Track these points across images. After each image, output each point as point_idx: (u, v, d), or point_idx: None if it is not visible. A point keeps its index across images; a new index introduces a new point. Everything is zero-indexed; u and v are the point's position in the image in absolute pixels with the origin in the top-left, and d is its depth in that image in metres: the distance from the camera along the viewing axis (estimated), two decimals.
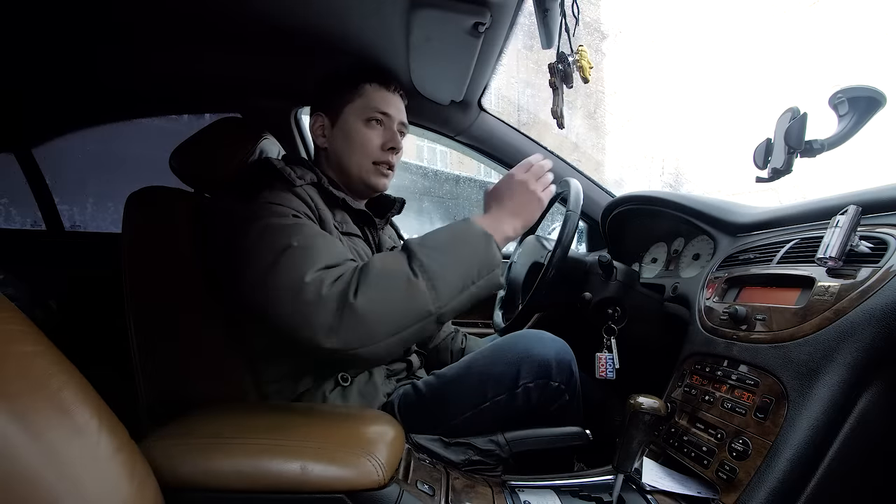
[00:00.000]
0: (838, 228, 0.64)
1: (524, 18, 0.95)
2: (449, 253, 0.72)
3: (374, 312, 0.66)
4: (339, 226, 0.88)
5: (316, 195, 0.87)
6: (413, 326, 0.69)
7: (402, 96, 1.02)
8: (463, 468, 0.76)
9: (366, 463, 0.58)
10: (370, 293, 0.66)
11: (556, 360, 0.85)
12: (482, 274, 0.73)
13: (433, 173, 2.83)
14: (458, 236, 0.75)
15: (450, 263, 0.71)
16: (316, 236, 0.75)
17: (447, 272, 0.71)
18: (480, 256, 0.73)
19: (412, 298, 0.68)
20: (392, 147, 0.96)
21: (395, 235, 1.16)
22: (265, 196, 0.80)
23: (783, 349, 0.66)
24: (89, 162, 1.86)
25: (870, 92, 0.68)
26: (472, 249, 0.73)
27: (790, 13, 2.97)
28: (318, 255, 0.71)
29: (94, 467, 0.44)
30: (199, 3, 0.95)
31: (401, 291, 0.68)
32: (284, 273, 0.69)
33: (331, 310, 0.65)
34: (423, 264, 0.70)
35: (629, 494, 0.69)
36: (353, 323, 0.65)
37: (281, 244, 0.71)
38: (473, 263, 0.72)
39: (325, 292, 0.66)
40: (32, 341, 0.46)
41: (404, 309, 0.68)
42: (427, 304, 0.68)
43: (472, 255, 0.73)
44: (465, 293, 0.72)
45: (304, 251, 0.71)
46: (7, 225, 1.85)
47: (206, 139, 0.98)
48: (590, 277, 1.10)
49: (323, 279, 0.67)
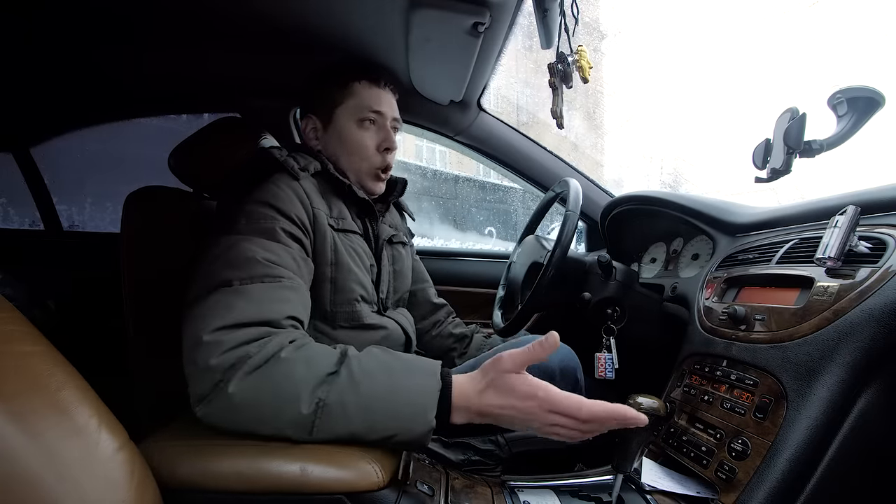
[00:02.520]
0: (837, 228, 0.64)
1: (524, 18, 0.95)
2: (371, 408, 0.58)
3: (247, 413, 0.57)
4: (335, 222, 0.84)
5: (314, 188, 0.82)
6: (277, 437, 0.58)
7: (393, 91, 0.98)
8: (462, 468, 0.76)
9: (365, 464, 0.57)
10: (256, 393, 0.56)
11: (560, 367, 0.84)
12: (386, 439, 0.59)
13: (432, 173, 2.83)
14: (401, 399, 0.59)
15: (360, 421, 0.58)
16: (265, 279, 0.65)
17: (347, 426, 0.58)
18: (404, 435, 0.59)
19: (288, 426, 0.57)
20: (388, 147, 0.94)
21: (398, 221, 1.10)
22: (257, 193, 0.74)
23: (782, 349, 0.66)
24: (88, 162, 1.86)
25: (868, 92, 0.68)
26: (399, 422, 0.58)
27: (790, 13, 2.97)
28: (241, 306, 0.61)
29: (93, 468, 0.44)
30: (198, 2, 0.94)
31: (283, 414, 0.57)
32: (198, 318, 0.60)
33: (209, 382, 0.56)
34: (329, 401, 0.57)
35: (628, 494, 0.69)
36: (222, 410, 0.57)
37: (221, 277, 0.63)
38: (390, 435, 0.58)
39: (214, 362, 0.56)
40: (31, 341, 0.46)
41: (273, 424, 0.57)
42: (295, 432, 0.57)
43: (394, 428, 0.58)
44: (347, 439, 0.59)
45: (232, 298, 0.61)
46: (5, 225, 1.85)
47: (204, 139, 0.98)
48: (589, 277, 1.10)
49: (221, 342, 0.57)
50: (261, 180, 0.77)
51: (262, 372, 0.57)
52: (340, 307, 0.82)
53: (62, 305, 1.51)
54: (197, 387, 0.57)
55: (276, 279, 0.66)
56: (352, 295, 0.83)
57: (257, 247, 0.68)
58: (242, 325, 0.59)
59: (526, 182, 1.58)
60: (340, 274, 0.82)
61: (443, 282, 1.60)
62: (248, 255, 0.66)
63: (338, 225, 0.85)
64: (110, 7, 0.95)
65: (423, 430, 0.59)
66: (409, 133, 1.54)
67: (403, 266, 1.04)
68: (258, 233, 0.70)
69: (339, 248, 0.82)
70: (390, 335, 0.89)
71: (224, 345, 0.57)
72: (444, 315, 1.19)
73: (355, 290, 0.83)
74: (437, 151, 2.97)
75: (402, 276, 1.02)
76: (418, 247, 1.76)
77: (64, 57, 1.15)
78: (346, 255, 0.83)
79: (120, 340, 0.86)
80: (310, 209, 0.79)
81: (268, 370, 0.57)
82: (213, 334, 0.58)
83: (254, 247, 0.68)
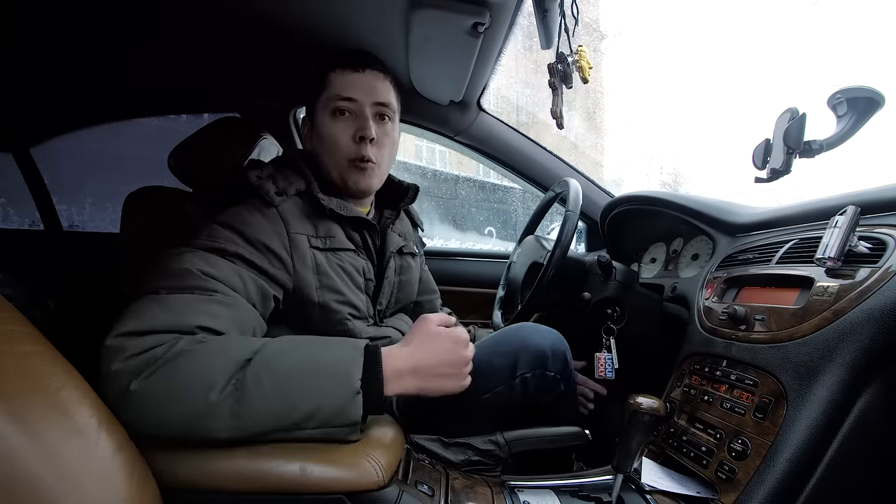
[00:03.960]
0: (837, 229, 0.64)
1: (523, 19, 0.95)
2: (289, 384, 0.57)
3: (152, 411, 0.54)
4: (320, 242, 0.80)
5: (296, 210, 0.79)
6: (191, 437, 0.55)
7: (381, 72, 0.86)
8: (462, 468, 0.76)
9: (365, 464, 0.57)
10: (158, 389, 0.54)
11: (552, 349, 0.85)
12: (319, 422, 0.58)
13: (432, 173, 2.83)
14: (321, 368, 0.59)
15: (277, 396, 0.56)
16: (195, 290, 0.62)
17: (265, 405, 0.56)
18: (328, 403, 0.58)
19: (201, 416, 0.54)
20: (362, 136, 0.83)
21: (408, 230, 1.04)
22: (225, 214, 0.73)
23: (782, 349, 0.66)
24: (87, 162, 1.86)
25: (868, 93, 0.68)
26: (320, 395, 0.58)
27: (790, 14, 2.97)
28: (153, 315, 0.58)
29: (93, 468, 0.44)
30: (198, 2, 0.94)
31: (189, 404, 0.54)
32: (118, 322, 0.58)
33: (114, 388, 0.53)
34: (245, 384, 0.55)
35: (628, 494, 0.69)
36: (130, 411, 0.53)
37: (153, 285, 0.62)
38: (309, 406, 0.57)
39: (116, 367, 0.54)
40: (31, 341, 0.46)
41: (185, 423, 0.55)
42: (215, 430, 0.55)
43: (314, 398, 0.57)
44: (280, 433, 0.58)
45: (152, 304, 0.59)
46: (5, 225, 1.85)
47: (204, 139, 0.98)
48: (589, 277, 1.10)
49: (124, 348, 0.55)
50: (234, 202, 0.75)
51: (171, 366, 0.55)
52: (333, 327, 0.80)
53: (62, 305, 1.51)
54: (106, 392, 0.53)
55: (207, 292, 0.63)
56: (339, 316, 0.80)
57: (201, 260, 0.66)
58: (148, 332, 0.57)
59: (526, 182, 1.58)
60: (326, 296, 0.79)
61: (443, 282, 1.59)
62: (186, 266, 0.64)
63: (324, 245, 0.80)
64: (110, 7, 0.95)
65: (347, 397, 0.58)
66: (409, 133, 1.54)
67: (411, 277, 1.00)
68: (211, 250, 0.68)
69: (323, 269, 0.79)
70: (392, 343, 0.89)
71: (127, 350, 0.55)
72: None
73: (342, 311, 0.81)
74: (437, 151, 2.97)
75: (407, 287, 0.99)
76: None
77: (64, 57, 1.15)
78: (333, 275, 0.80)
79: None
80: (285, 236, 0.75)
81: (172, 366, 0.55)
82: (117, 339, 0.56)
83: (197, 260, 0.66)
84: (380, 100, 0.85)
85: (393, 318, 0.97)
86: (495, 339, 0.89)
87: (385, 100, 0.86)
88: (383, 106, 0.86)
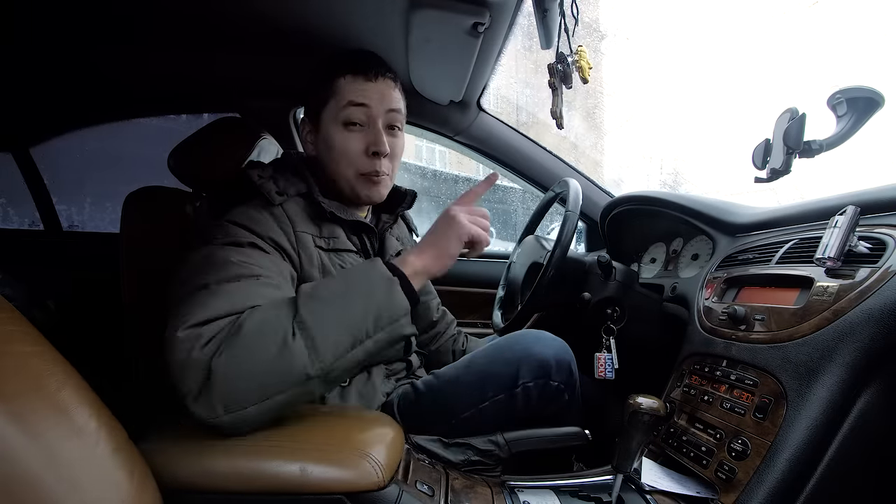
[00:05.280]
0: (837, 229, 0.64)
1: (523, 19, 0.95)
2: (338, 305, 0.63)
3: (237, 378, 0.58)
4: (324, 243, 0.81)
5: (299, 210, 0.80)
6: (287, 392, 0.60)
7: (392, 79, 0.86)
8: (462, 468, 0.76)
9: (365, 464, 0.57)
10: (237, 355, 0.58)
11: (556, 359, 0.85)
12: (381, 325, 0.64)
13: (432, 173, 2.83)
14: (354, 282, 0.67)
15: (338, 318, 0.62)
16: (241, 278, 0.66)
17: (332, 328, 0.62)
18: (379, 304, 0.65)
19: (286, 360, 0.59)
20: (376, 152, 0.83)
21: (405, 234, 1.07)
22: (233, 214, 0.75)
23: (782, 349, 0.66)
24: (87, 162, 1.86)
25: (868, 93, 0.68)
26: (368, 297, 0.65)
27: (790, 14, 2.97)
28: (215, 304, 0.62)
29: (93, 468, 0.44)
30: (199, 3, 0.94)
31: (272, 352, 0.59)
32: (173, 318, 0.61)
33: (197, 376, 0.57)
34: (304, 321, 0.61)
35: (628, 494, 0.69)
36: (214, 389, 0.57)
37: (198, 281, 0.65)
38: (368, 313, 0.64)
39: (195, 355, 0.57)
40: (31, 341, 0.46)
41: (275, 373, 0.59)
42: (304, 368, 0.59)
43: (368, 305, 0.64)
44: (359, 349, 0.63)
45: (208, 297, 0.63)
46: (5, 225, 1.85)
47: (204, 139, 0.98)
48: (589, 277, 1.10)
49: (199, 336, 0.58)
50: (239, 203, 0.77)
51: (235, 338, 0.59)
52: None
53: (62, 305, 1.51)
54: (185, 383, 0.57)
55: (252, 277, 0.67)
56: None
57: (232, 252, 0.69)
58: (213, 319, 0.61)
59: (526, 182, 1.58)
60: None
61: (443, 282, 1.59)
62: (225, 258, 0.68)
63: (328, 245, 0.82)
64: (110, 7, 0.95)
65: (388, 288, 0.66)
66: (409, 133, 1.53)
67: None
68: (232, 244, 0.71)
69: (328, 269, 0.80)
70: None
71: (201, 338, 0.58)
72: (444, 327, 1.18)
73: None
74: (437, 151, 2.97)
75: None
76: None
77: (64, 57, 1.15)
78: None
79: (120, 340, 0.86)
80: (291, 233, 0.77)
81: (239, 333, 0.59)
82: (188, 330, 0.59)
83: (228, 253, 0.69)
84: (392, 107, 0.85)
85: None
86: (497, 347, 0.88)
87: (397, 106, 0.86)
88: (395, 113, 0.86)
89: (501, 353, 0.86)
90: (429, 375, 0.90)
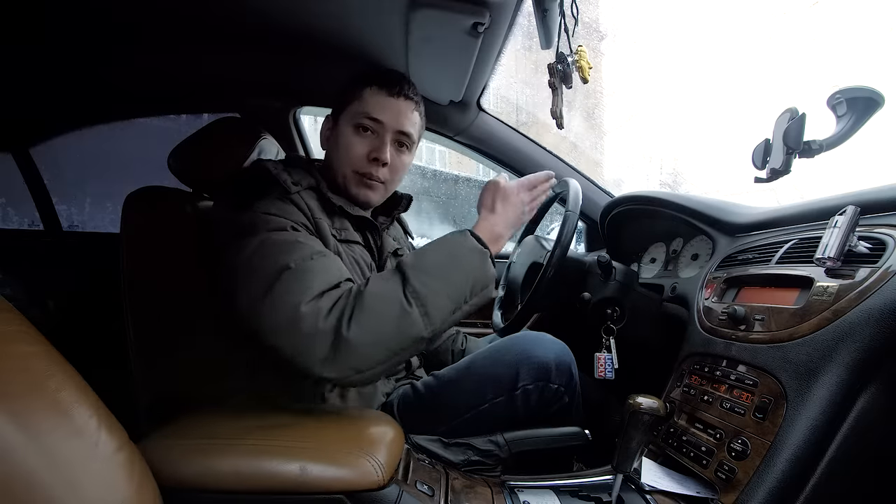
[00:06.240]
0: (837, 229, 0.64)
1: (523, 19, 0.95)
2: (443, 276, 0.72)
3: (369, 344, 0.66)
4: (337, 233, 0.85)
5: (313, 201, 0.83)
6: (406, 351, 0.70)
7: (415, 102, 0.91)
8: (462, 468, 0.76)
9: (365, 463, 0.58)
10: (364, 324, 0.66)
11: (556, 362, 0.85)
12: (475, 291, 0.73)
13: (432, 173, 2.82)
14: (454, 254, 0.75)
15: (444, 287, 0.71)
16: (314, 255, 0.72)
17: (441, 297, 0.70)
18: (476, 274, 0.73)
19: (406, 326, 0.68)
20: (376, 158, 0.87)
21: (400, 235, 1.10)
22: (260, 205, 0.77)
23: (782, 349, 0.66)
24: (87, 162, 1.85)
25: (868, 93, 0.68)
26: (467, 268, 0.73)
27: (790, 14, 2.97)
28: (314, 279, 0.69)
29: (92, 468, 0.44)
30: (198, 3, 0.95)
31: (394, 320, 0.68)
32: (280, 300, 0.67)
33: (327, 342, 0.65)
34: (417, 291, 0.69)
35: (628, 494, 0.69)
36: (348, 354, 0.65)
37: (278, 265, 0.69)
38: (468, 282, 0.73)
39: (322, 325, 0.65)
40: (31, 341, 0.46)
41: (398, 337, 0.68)
42: (420, 331, 0.69)
43: (467, 274, 0.73)
44: (458, 313, 0.73)
45: (301, 274, 0.69)
46: (5, 225, 1.85)
47: (204, 139, 0.98)
48: (589, 277, 1.10)
49: (320, 309, 0.66)
50: (260, 194, 0.79)
51: (360, 309, 0.66)
52: None
53: (62, 305, 1.51)
54: (315, 352, 0.65)
55: (321, 253, 0.74)
56: None
57: (289, 235, 0.74)
58: (322, 293, 0.68)
59: None
60: None
61: None
62: (287, 240, 0.72)
63: (340, 236, 0.85)
64: (111, 7, 0.95)
65: (484, 261, 0.74)
66: None
67: None
68: (280, 229, 0.74)
69: (343, 258, 0.82)
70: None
71: (322, 309, 0.66)
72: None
73: None
74: (437, 151, 2.96)
75: None
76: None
77: (64, 57, 1.15)
78: (349, 264, 0.83)
79: (120, 340, 0.86)
80: (311, 219, 0.81)
81: (362, 305, 0.67)
82: (310, 305, 0.66)
83: (286, 236, 0.73)
84: (404, 129, 0.90)
85: None
86: (496, 349, 0.88)
87: (408, 130, 0.90)
88: (405, 136, 0.91)
89: (501, 356, 0.86)
90: (429, 377, 0.90)
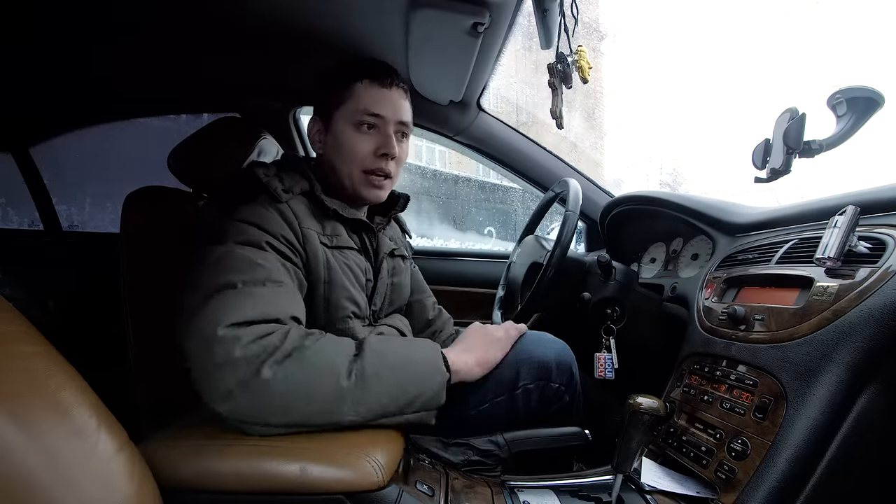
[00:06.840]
0: (837, 229, 0.64)
1: (523, 19, 0.95)
2: (396, 373, 0.68)
3: (288, 394, 0.60)
4: (328, 240, 0.82)
5: (304, 208, 0.81)
6: (313, 423, 0.63)
7: (404, 90, 0.89)
8: (462, 468, 0.76)
9: (365, 464, 0.57)
10: (293, 374, 0.60)
11: (556, 361, 0.85)
12: (414, 408, 0.69)
13: (432, 173, 2.82)
14: (416, 361, 0.71)
15: (388, 384, 0.67)
16: (266, 282, 0.68)
17: (382, 388, 0.66)
18: (424, 392, 0.69)
19: (332, 401, 0.62)
20: (385, 153, 0.86)
21: (398, 235, 1.09)
22: (242, 212, 0.75)
23: (782, 349, 0.66)
24: (87, 162, 1.85)
25: (868, 93, 0.68)
26: (419, 382, 0.70)
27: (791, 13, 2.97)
28: (251, 306, 0.63)
29: (92, 468, 0.44)
30: (198, 3, 0.94)
31: (325, 386, 0.62)
32: (205, 317, 0.61)
33: (236, 376, 0.58)
34: (364, 371, 0.65)
35: (628, 494, 0.69)
36: (258, 397, 0.59)
37: (224, 280, 0.65)
38: (416, 393, 0.69)
39: (238, 354, 0.58)
40: (31, 341, 0.46)
41: (319, 405, 0.62)
42: (343, 414, 0.63)
43: (418, 388, 0.69)
44: (388, 418, 0.67)
45: (241, 298, 0.64)
46: (5, 225, 1.85)
47: (204, 139, 0.98)
48: (589, 277, 1.10)
49: (238, 338, 0.59)
50: (247, 200, 0.77)
51: (296, 357, 0.61)
52: (333, 325, 0.81)
53: (62, 305, 1.51)
54: (219, 383, 0.58)
55: (277, 283, 0.69)
56: (344, 313, 0.82)
57: (252, 253, 0.70)
58: (253, 321, 0.62)
59: (526, 182, 1.58)
60: (333, 292, 0.81)
61: (443, 282, 1.60)
62: (247, 258, 0.69)
63: (332, 242, 0.83)
64: (110, 7, 0.95)
65: (439, 384, 0.71)
66: None
67: (403, 279, 1.02)
68: (250, 244, 0.71)
69: (332, 265, 0.81)
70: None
71: (242, 339, 0.59)
72: (441, 325, 1.18)
73: (347, 308, 0.82)
74: (437, 151, 2.96)
75: (400, 288, 1.01)
76: (418, 247, 1.77)
77: (63, 56, 1.15)
78: (340, 272, 0.82)
79: (120, 341, 0.86)
80: (298, 230, 0.78)
81: (301, 355, 0.62)
82: (228, 329, 0.59)
83: (249, 253, 0.70)
84: (404, 119, 0.88)
85: (388, 318, 0.97)
86: None
87: (406, 119, 0.89)
88: (404, 125, 0.89)
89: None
90: None
